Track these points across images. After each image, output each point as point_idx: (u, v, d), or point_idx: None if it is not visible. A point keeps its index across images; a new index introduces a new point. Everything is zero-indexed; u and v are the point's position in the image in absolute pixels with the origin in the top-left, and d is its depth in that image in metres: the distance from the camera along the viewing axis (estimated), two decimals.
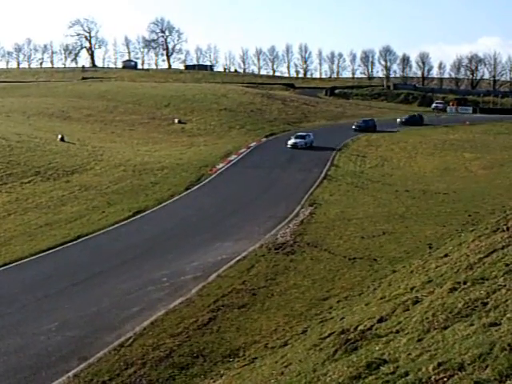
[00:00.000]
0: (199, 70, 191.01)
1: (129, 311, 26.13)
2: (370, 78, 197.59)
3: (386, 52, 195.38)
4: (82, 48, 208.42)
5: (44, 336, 23.31)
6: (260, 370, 17.09)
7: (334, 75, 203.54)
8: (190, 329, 23.62)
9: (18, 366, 20.75)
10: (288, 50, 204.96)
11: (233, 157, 72.38)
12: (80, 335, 23.48)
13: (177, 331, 23.38)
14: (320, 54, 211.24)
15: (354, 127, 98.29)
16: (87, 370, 20.19)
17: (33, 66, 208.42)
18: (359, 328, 15.51)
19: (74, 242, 38.57)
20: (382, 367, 11.49)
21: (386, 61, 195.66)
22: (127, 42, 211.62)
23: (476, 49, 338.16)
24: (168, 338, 22.66)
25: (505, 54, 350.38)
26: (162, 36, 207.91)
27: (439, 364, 10.38)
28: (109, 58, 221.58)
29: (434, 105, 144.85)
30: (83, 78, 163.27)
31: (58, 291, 29.22)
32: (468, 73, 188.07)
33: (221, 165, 66.88)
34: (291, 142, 78.99)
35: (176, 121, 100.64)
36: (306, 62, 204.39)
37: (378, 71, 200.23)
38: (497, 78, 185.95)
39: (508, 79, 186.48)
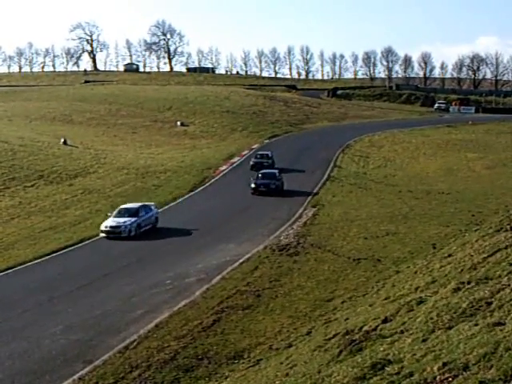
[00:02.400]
0: (201, 73, 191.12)
1: (133, 314, 26.14)
2: (372, 78, 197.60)
3: (388, 53, 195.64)
4: (83, 51, 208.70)
5: (48, 340, 23.30)
6: (265, 371, 17.08)
7: (336, 76, 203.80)
8: (194, 331, 23.60)
9: (23, 369, 20.73)
10: (289, 51, 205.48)
11: (236, 159, 72.39)
12: (84, 338, 23.47)
13: (181, 333, 23.37)
14: (322, 55, 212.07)
15: (251, 163, 66.11)
16: (92, 373, 20.17)
17: (34, 70, 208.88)
18: (364, 329, 15.50)
19: (78, 246, 38.62)
20: (386, 368, 11.49)
21: (387, 61, 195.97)
22: (129, 45, 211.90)
23: (474, 49, 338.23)
24: (173, 341, 22.65)
25: (504, 54, 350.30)
26: (164, 39, 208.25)
27: (444, 364, 10.38)
28: (110, 61, 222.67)
29: (436, 105, 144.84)
30: (85, 82, 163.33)
31: (62, 294, 29.22)
32: (470, 73, 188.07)
33: (224, 167, 66.91)
34: (107, 225, 41.04)
35: (178, 123, 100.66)
36: (307, 63, 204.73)
37: (380, 72, 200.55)
38: (499, 77, 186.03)
39: (510, 79, 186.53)
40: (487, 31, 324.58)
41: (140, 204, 43.89)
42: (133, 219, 41.10)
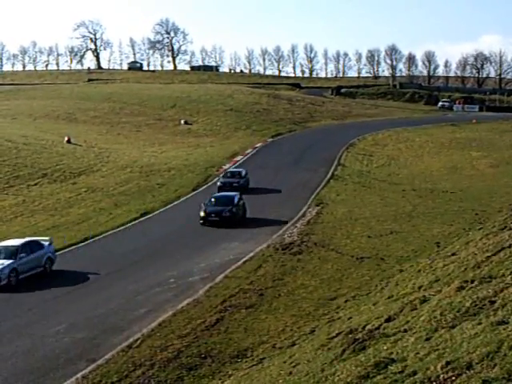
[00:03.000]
0: (205, 71, 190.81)
1: (136, 312, 26.16)
2: (376, 77, 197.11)
3: (392, 51, 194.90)
4: (87, 50, 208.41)
5: (52, 338, 23.34)
6: (268, 370, 17.08)
7: (340, 75, 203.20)
8: (197, 330, 23.61)
9: (27, 368, 20.76)
10: (293, 49, 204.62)
11: (239, 157, 72.39)
12: (88, 337, 23.50)
13: (185, 332, 23.38)
14: (325, 53, 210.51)
15: (219, 184, 54.68)
16: (95, 372, 20.18)
17: (38, 68, 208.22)
18: (367, 327, 15.50)
19: (81, 244, 38.63)
20: (390, 366, 11.49)
21: (391, 60, 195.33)
22: (132, 44, 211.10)
23: (477, 47, 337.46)
24: (176, 339, 22.66)
25: (508, 52, 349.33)
26: (167, 37, 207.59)
27: (447, 363, 10.38)
28: (114, 59, 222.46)
29: (440, 103, 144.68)
30: (89, 80, 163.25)
31: (65, 293, 29.28)
32: (474, 71, 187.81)
33: (227, 165, 66.87)
34: None
35: (182, 122, 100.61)
36: (311, 61, 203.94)
37: (384, 70, 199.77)
38: (503, 76, 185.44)
39: None
40: (490, 29, 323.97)
41: (24, 241, 32.99)
42: (6, 263, 30.57)
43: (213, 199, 44.98)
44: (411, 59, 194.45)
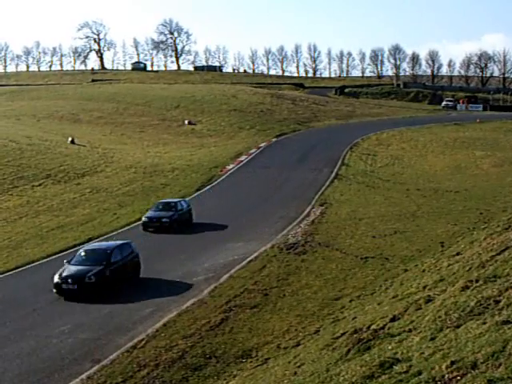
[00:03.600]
0: (208, 71, 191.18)
1: (141, 312, 26.18)
2: (380, 76, 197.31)
3: (396, 50, 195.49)
4: (90, 50, 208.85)
5: (57, 339, 23.35)
6: (273, 370, 17.08)
7: (344, 74, 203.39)
8: (202, 330, 23.62)
9: (32, 368, 20.78)
10: (297, 49, 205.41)
11: (243, 157, 72.35)
12: (93, 337, 23.52)
13: (189, 332, 23.39)
14: (329, 53, 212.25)
15: (144, 219, 41.78)
16: (100, 372, 20.21)
17: (42, 68, 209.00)
18: (372, 327, 15.49)
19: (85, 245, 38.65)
20: (394, 366, 11.48)
21: (395, 59, 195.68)
22: (136, 44, 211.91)
23: (480, 46, 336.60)
24: (180, 340, 22.67)
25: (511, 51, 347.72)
26: (171, 37, 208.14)
27: (452, 363, 10.36)
28: (118, 60, 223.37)
29: (444, 103, 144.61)
30: (93, 81, 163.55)
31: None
32: (478, 70, 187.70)
33: (231, 165, 66.89)
34: None
35: (186, 122, 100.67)
36: (315, 61, 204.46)
37: (388, 70, 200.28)
38: (506, 75, 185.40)
39: None
40: (493, 28, 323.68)
41: None
42: None
43: (82, 253, 30.52)
44: (415, 59, 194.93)
